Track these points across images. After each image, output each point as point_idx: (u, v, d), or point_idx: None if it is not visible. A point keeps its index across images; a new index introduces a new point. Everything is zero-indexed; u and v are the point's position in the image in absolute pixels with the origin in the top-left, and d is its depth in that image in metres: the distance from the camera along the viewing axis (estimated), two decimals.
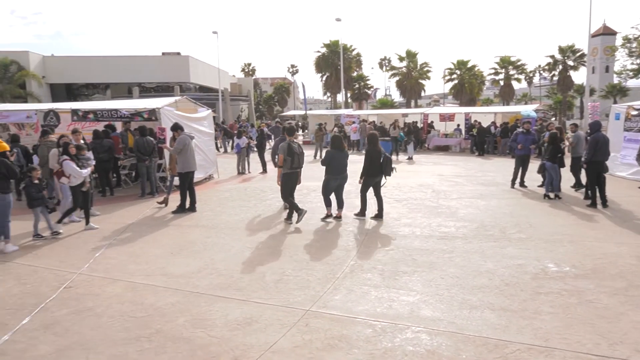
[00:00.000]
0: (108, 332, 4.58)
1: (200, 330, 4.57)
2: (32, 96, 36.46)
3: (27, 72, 36.92)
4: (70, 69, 42.09)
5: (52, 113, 12.87)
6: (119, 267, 6.44)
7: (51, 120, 12.78)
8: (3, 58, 36.00)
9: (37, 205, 7.81)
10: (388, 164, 8.87)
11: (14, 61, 36.71)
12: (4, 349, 4.28)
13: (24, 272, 6.28)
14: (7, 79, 35.86)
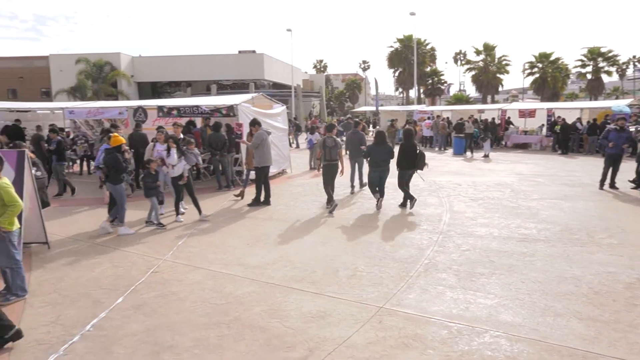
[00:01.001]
0: (191, 316, 4.85)
1: (276, 321, 4.71)
2: (122, 94, 39.30)
3: (118, 72, 39.82)
4: (155, 68, 44.87)
5: (140, 109, 13.79)
6: (200, 255, 6.78)
7: (140, 116, 13.69)
8: (98, 59, 39.09)
9: (152, 194, 8.39)
10: (422, 158, 9.39)
11: (107, 62, 39.77)
12: (101, 325, 4.68)
13: (117, 256, 6.81)
14: (101, 79, 38.92)
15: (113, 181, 7.88)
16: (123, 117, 14.78)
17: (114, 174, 7.85)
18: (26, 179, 6.52)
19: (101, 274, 6.11)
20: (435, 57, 56.25)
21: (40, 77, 43.25)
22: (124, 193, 8.00)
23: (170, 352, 4.17)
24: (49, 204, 7.67)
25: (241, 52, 49.02)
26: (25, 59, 45.64)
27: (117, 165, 7.83)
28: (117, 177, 7.88)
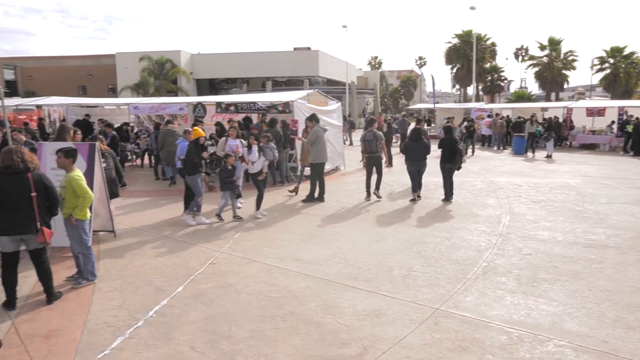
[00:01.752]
0: (247, 308, 4.96)
1: (330, 317, 4.72)
2: (182, 90, 40.83)
3: (178, 69, 41.40)
4: (213, 65, 46.23)
5: (200, 105, 14.25)
6: (255, 249, 6.92)
7: (199, 112, 14.15)
8: (160, 57, 40.82)
9: (227, 189, 8.55)
10: (459, 154, 9.92)
11: (168, 59, 41.44)
12: (163, 312, 4.88)
13: (177, 247, 7.07)
14: (162, 75, 40.62)
15: (189, 172, 8.19)
16: (183, 113, 15.36)
17: (190, 165, 8.15)
18: (96, 170, 6.90)
19: (162, 263, 6.37)
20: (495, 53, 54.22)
21: (107, 74, 45.74)
22: (200, 184, 8.27)
23: (228, 341, 4.28)
24: (117, 195, 8.07)
25: (296, 49, 49.51)
26: (94, 57, 48.38)
27: (193, 158, 8.12)
28: (193, 169, 8.15)
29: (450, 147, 9.79)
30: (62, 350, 4.15)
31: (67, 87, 43.40)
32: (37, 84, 45.03)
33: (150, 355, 4.06)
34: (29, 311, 4.92)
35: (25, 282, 5.32)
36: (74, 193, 5.35)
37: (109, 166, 7.58)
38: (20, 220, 4.77)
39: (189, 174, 8.23)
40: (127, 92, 38.12)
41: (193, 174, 8.19)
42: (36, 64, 48.07)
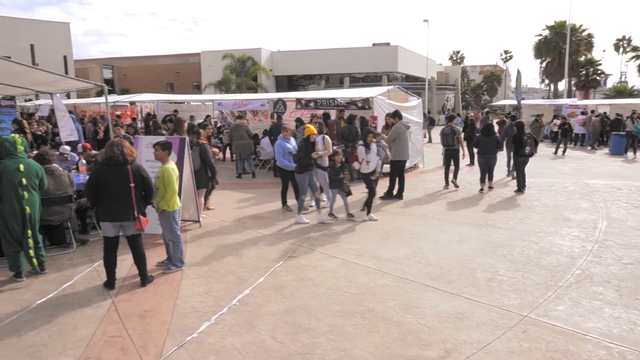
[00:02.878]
0: (326, 302, 4.99)
1: (410, 317, 4.62)
2: (262, 87, 42.03)
3: (259, 67, 42.62)
4: (292, 62, 47.11)
5: (280, 102, 14.57)
6: (334, 245, 6.94)
7: (279, 108, 14.48)
8: (242, 55, 42.28)
9: (336, 186, 8.29)
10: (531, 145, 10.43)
11: (249, 57, 42.79)
12: (246, 301, 5.04)
13: (258, 239, 7.29)
14: (243, 73, 42.04)
15: (298, 170, 8.12)
16: (264, 109, 15.78)
17: (299, 163, 8.11)
18: (185, 163, 7.29)
19: (244, 254, 6.58)
20: (591, 45, 50.05)
21: (192, 72, 48.20)
22: (305, 183, 8.17)
23: (307, 334, 4.32)
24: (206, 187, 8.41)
25: (375, 44, 49.06)
26: (181, 56, 51.18)
27: (302, 156, 8.08)
28: (302, 167, 8.08)
29: (521, 142, 10.34)
30: (155, 330, 4.42)
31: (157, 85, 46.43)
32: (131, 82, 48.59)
33: (235, 342, 4.21)
34: (126, 292, 5.30)
35: (122, 265, 5.72)
36: (163, 182, 5.68)
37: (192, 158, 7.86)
38: (120, 208, 5.15)
39: (298, 171, 8.15)
40: (211, 89, 39.94)
41: (302, 172, 8.10)
42: (130, 63, 51.86)
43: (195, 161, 7.72)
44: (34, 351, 4.06)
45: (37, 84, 9.20)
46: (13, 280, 5.56)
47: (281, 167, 8.90)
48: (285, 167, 8.73)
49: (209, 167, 7.86)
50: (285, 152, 8.64)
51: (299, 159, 8.11)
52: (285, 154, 8.64)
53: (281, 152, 8.67)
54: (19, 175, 5.41)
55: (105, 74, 48.24)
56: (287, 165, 8.64)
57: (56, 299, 5.10)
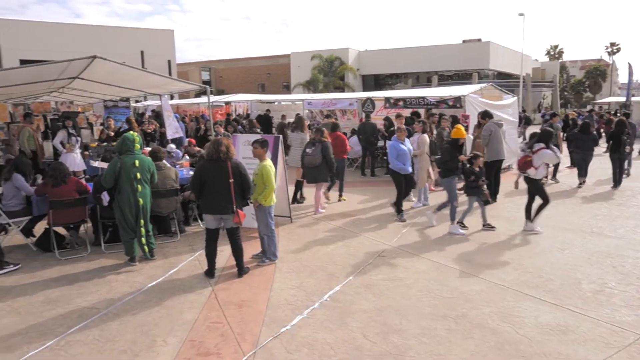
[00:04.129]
0: (417, 304, 4.92)
1: (508, 325, 4.41)
2: (349, 86, 42.30)
3: (346, 66, 42.97)
4: (379, 61, 46.87)
5: (369, 101, 14.57)
6: (424, 245, 6.82)
7: (368, 107, 14.49)
8: (330, 55, 42.88)
9: (473, 193, 7.52)
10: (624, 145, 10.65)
11: (337, 57, 43.28)
12: (336, 297, 5.12)
13: (347, 237, 7.36)
14: (331, 73, 42.61)
15: (444, 174, 7.54)
16: (352, 108, 15.88)
17: (444, 167, 7.54)
18: (279, 160, 7.55)
19: (334, 251, 6.68)
20: None
21: (282, 72, 49.74)
22: (454, 188, 7.49)
23: (399, 335, 4.30)
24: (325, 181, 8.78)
25: (465, 41, 47.31)
26: (271, 58, 53.00)
27: (447, 160, 7.47)
28: (447, 170, 7.48)
29: (618, 140, 10.59)
30: (251, 320, 4.64)
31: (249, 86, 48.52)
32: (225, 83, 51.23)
33: (326, 337, 4.29)
34: (224, 281, 5.62)
35: (221, 256, 6.05)
36: (262, 179, 5.94)
37: (314, 153, 8.34)
38: (220, 202, 5.47)
39: (443, 176, 7.54)
40: (299, 89, 40.96)
41: (447, 176, 7.47)
42: (226, 65, 54.70)
43: (317, 157, 8.27)
44: (147, 329, 4.45)
45: (149, 87, 10.07)
46: (128, 264, 6.13)
47: (394, 170, 8.29)
48: (399, 170, 8.18)
49: (328, 163, 8.35)
50: (400, 153, 8.12)
51: (444, 161, 7.51)
52: (400, 155, 8.13)
53: (395, 154, 8.15)
54: (134, 170, 5.95)
55: (203, 76, 51.34)
56: (402, 168, 8.13)
57: (164, 284, 5.55)
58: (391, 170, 8.38)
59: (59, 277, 5.78)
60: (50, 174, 6.43)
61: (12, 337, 4.33)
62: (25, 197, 6.78)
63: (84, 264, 6.22)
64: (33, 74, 8.00)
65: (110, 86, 9.91)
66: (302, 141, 9.13)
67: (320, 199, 8.82)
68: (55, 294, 5.26)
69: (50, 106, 13.98)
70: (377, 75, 49.37)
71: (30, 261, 6.34)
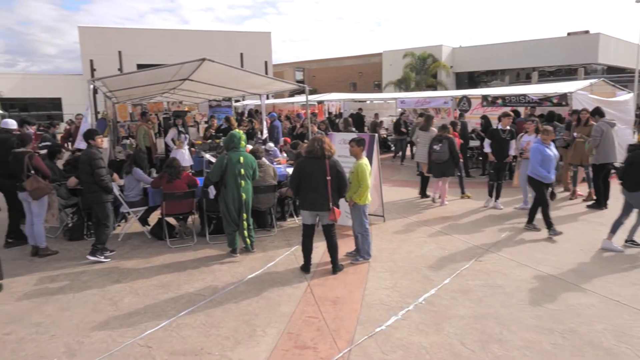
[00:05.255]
0: (519, 314, 4.67)
1: (625, 346, 4.04)
2: (441, 84, 41.04)
3: (439, 64, 41.72)
4: (474, 58, 44.87)
5: (465, 99, 14.05)
6: (525, 253, 6.45)
7: (463, 105, 13.98)
8: (422, 53, 41.90)
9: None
10: None
11: (430, 54, 42.16)
12: (432, 301, 5.03)
13: (442, 239, 7.18)
14: (423, 71, 41.63)
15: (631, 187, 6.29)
16: (447, 107, 15.41)
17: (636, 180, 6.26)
18: (374, 158, 7.56)
19: (428, 253, 6.56)
20: None
21: (374, 71, 49.52)
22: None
23: (499, 345, 4.12)
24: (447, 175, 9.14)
25: (570, 34, 43.65)
26: (363, 57, 52.94)
27: None
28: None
29: None
30: (346, 317, 4.72)
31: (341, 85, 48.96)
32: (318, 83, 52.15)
33: (422, 340, 4.24)
34: (319, 277, 5.76)
35: (315, 252, 6.19)
36: (358, 179, 6.00)
37: (441, 149, 8.86)
38: (317, 199, 5.61)
39: (632, 189, 6.29)
40: (391, 88, 40.54)
41: (636, 190, 6.23)
42: (318, 65, 55.68)
43: (444, 153, 8.79)
44: (248, 319, 4.70)
45: (251, 87, 10.61)
46: (230, 255, 6.52)
47: (536, 179, 7.24)
48: (542, 179, 7.17)
49: (454, 158, 8.83)
50: (545, 159, 7.17)
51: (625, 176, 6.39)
52: (545, 161, 7.16)
53: (539, 159, 7.15)
54: (239, 166, 6.30)
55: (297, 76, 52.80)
56: (546, 176, 7.14)
57: (262, 276, 5.82)
58: (532, 178, 7.31)
59: (170, 263, 6.30)
60: (166, 169, 7.03)
61: (133, 315, 4.81)
62: (142, 189, 7.47)
63: (191, 252, 6.72)
64: (150, 77, 8.78)
65: (215, 87, 10.58)
66: (430, 138, 9.51)
67: (446, 191, 9.32)
68: (167, 279, 5.74)
69: (162, 106, 15.25)
70: (472, 72, 47.26)
71: (146, 247, 6.99)
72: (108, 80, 8.21)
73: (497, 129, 9.02)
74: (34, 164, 6.41)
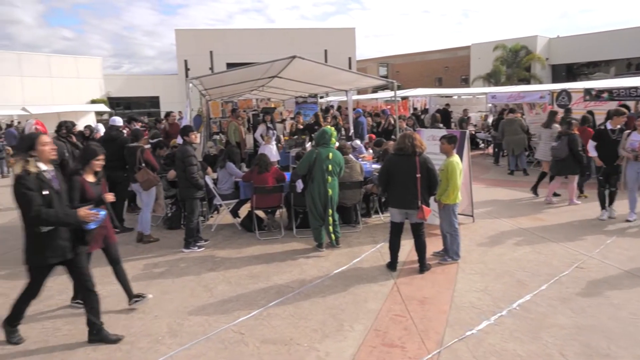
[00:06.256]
0: (630, 329, 4.27)
1: None
2: (535, 78, 38.49)
3: (533, 56, 39.15)
4: (572, 48, 41.52)
5: (564, 93, 13.05)
6: (636, 261, 5.87)
7: (562, 99, 12.99)
8: (514, 44, 39.58)
9: None
10: None
11: (523, 46, 39.71)
12: (527, 307, 4.74)
13: (537, 242, 6.74)
14: (515, 64, 39.32)
15: None
16: (543, 102, 14.43)
17: None
18: (464, 156, 7.28)
19: (522, 256, 6.19)
20: None
21: (461, 65, 47.68)
22: None
23: None
24: None
25: None
26: (449, 51, 51.17)
27: None
28: None
29: None
30: (434, 318, 4.60)
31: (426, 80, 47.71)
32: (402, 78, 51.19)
33: (517, 348, 4.01)
34: (405, 276, 5.67)
35: (402, 250, 6.09)
36: (447, 177, 5.81)
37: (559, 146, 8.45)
38: (407, 197, 5.51)
39: None
40: (479, 82, 38.79)
41: None
42: (403, 60, 54.74)
43: (562, 150, 8.37)
44: (335, 313, 4.75)
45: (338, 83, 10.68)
46: (316, 249, 6.63)
47: None
48: None
49: (575, 156, 8.31)
50: None
51: None
52: None
53: None
54: (327, 162, 6.38)
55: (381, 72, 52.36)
56: None
57: (348, 271, 5.84)
58: None
59: (259, 255, 6.54)
60: (257, 163, 7.30)
61: (226, 302, 5.06)
62: (234, 182, 7.82)
63: (279, 245, 6.92)
64: (242, 75, 9.16)
65: (302, 83, 10.79)
66: (551, 135, 9.27)
67: (574, 190, 8.88)
68: (257, 270, 5.97)
69: (252, 103, 15.86)
70: (570, 64, 43.76)
71: (237, 238, 7.32)
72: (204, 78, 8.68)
73: (606, 128, 7.93)
74: (145, 158, 6.97)
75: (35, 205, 3.70)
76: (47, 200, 3.79)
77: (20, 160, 3.78)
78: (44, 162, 3.89)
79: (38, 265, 3.99)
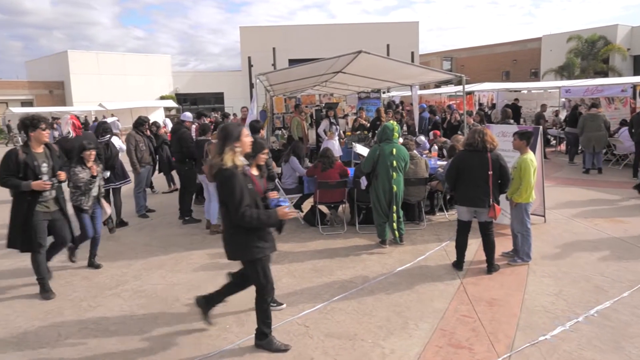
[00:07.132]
0: None
1: None
2: (614, 70, 35.89)
3: (612, 46, 36.50)
4: None
5: None
6: None
7: None
8: (591, 35, 37.07)
9: None
10: None
11: (601, 37, 37.12)
12: (607, 314, 4.45)
13: (619, 246, 6.30)
14: (592, 55, 36.83)
15: None
16: (624, 95, 13.47)
17: None
18: (537, 154, 6.91)
19: (601, 261, 5.82)
20: None
21: (530, 58, 45.37)
22: None
23: None
24: None
25: None
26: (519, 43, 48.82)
27: None
28: None
29: None
30: (504, 321, 4.42)
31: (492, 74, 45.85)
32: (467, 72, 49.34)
33: (596, 357, 3.78)
34: (472, 275, 5.49)
35: (468, 250, 5.91)
36: (519, 175, 5.55)
37: None
38: (477, 195, 5.33)
39: None
40: (550, 76, 36.71)
41: None
42: (468, 54, 52.92)
43: None
44: (399, 310, 4.69)
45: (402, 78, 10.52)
46: (379, 245, 6.58)
47: None
48: None
49: None
50: None
51: None
52: None
53: None
54: (391, 158, 6.30)
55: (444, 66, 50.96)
56: None
57: (413, 269, 5.76)
58: None
59: (322, 249, 6.60)
60: (321, 159, 7.35)
61: (290, 295, 5.14)
62: (298, 177, 7.93)
63: (341, 240, 6.94)
64: (307, 70, 9.24)
65: (366, 78, 10.72)
66: None
67: None
68: (320, 264, 6.02)
69: (315, 98, 15.99)
70: None
71: (300, 232, 7.42)
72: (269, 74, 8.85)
73: None
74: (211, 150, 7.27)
75: (244, 203, 3.53)
76: (252, 195, 3.64)
77: (229, 152, 3.58)
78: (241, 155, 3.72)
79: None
